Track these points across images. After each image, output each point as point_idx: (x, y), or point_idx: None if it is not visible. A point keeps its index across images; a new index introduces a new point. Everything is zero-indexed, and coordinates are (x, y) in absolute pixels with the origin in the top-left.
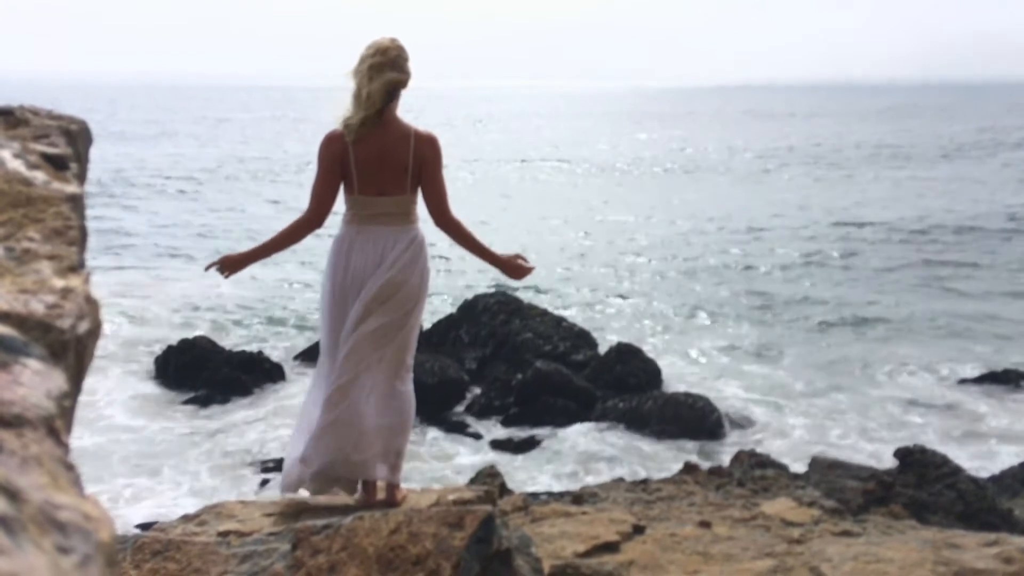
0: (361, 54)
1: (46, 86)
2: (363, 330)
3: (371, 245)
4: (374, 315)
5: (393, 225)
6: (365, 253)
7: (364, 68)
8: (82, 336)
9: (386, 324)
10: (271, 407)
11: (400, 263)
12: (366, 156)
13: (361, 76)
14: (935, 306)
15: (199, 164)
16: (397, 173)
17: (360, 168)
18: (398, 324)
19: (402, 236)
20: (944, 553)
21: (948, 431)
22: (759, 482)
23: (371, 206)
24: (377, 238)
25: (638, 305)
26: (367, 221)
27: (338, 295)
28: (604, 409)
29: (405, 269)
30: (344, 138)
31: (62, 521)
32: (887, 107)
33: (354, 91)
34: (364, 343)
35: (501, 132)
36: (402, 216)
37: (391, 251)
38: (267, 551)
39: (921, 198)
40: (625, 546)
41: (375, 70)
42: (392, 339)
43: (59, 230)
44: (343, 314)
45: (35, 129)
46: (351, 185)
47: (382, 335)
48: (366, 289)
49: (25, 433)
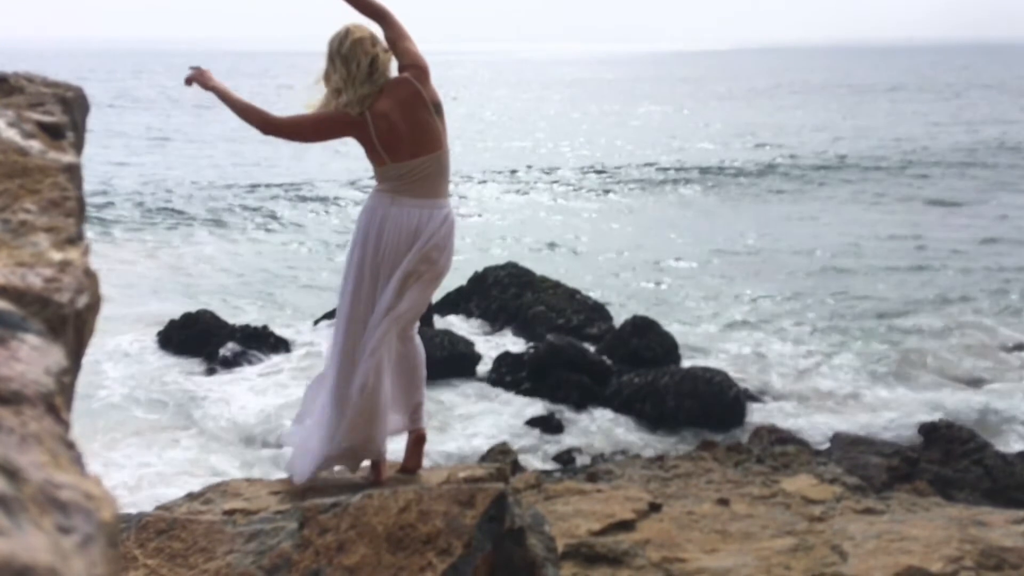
0: (339, 40)
1: (22, 51)
2: (399, 311)
3: (405, 219)
4: (408, 294)
5: (428, 198)
6: (399, 228)
7: (353, 48)
8: (81, 310)
9: (419, 301)
10: (278, 381)
11: (435, 240)
12: (384, 116)
13: (352, 57)
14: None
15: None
16: (423, 118)
17: (381, 131)
18: (425, 300)
19: (437, 212)
20: (970, 531)
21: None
22: (779, 458)
23: (405, 171)
24: (411, 212)
25: (655, 277)
26: (402, 192)
27: (367, 270)
28: (619, 384)
29: (440, 247)
30: (350, 115)
31: (63, 501)
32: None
33: (343, 74)
34: (397, 324)
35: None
36: (437, 185)
37: (426, 227)
38: (274, 530)
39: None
40: (641, 524)
41: (369, 48)
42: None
43: (56, 201)
44: (369, 290)
45: (30, 97)
46: (379, 156)
47: (412, 313)
48: (402, 267)
49: (24, 410)
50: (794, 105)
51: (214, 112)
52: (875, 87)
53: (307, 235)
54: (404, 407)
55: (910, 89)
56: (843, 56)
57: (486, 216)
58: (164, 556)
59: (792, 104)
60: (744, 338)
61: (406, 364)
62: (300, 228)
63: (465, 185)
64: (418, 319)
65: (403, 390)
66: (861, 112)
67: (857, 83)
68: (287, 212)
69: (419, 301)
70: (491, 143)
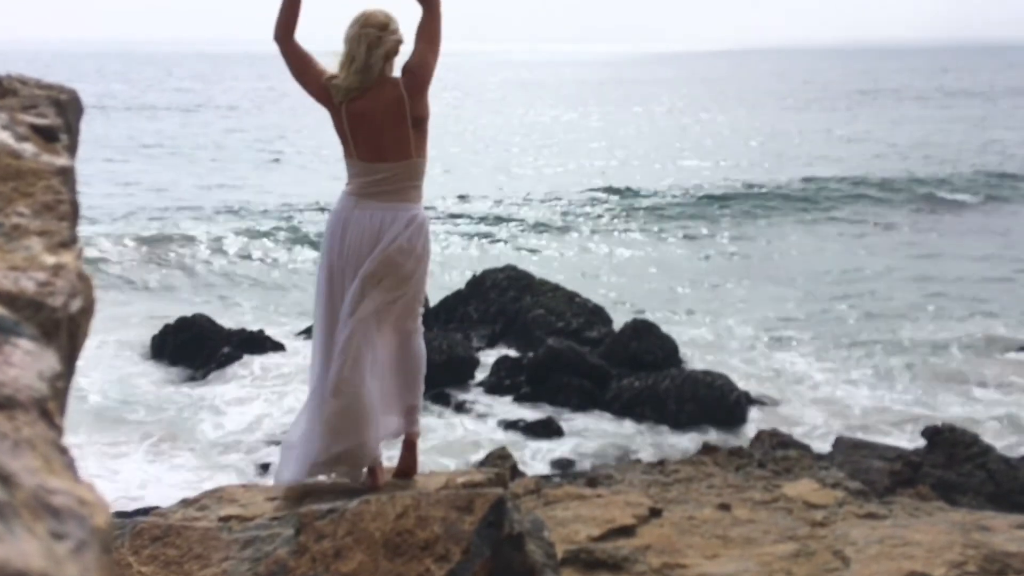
0: (352, 22)
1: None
2: (361, 313)
3: (368, 222)
4: (370, 297)
5: (393, 201)
6: (361, 230)
7: (358, 37)
8: (75, 314)
9: (383, 304)
10: (273, 387)
11: (398, 242)
12: (360, 116)
13: (354, 44)
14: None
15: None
16: (397, 128)
17: (354, 129)
18: (396, 300)
19: (402, 214)
20: (974, 536)
21: (982, 411)
22: (781, 463)
23: (371, 173)
24: (374, 215)
25: (655, 279)
26: (366, 195)
27: (333, 274)
28: (619, 388)
29: (403, 249)
30: (333, 97)
31: (56, 506)
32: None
33: (344, 56)
34: (362, 326)
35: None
36: (404, 190)
37: (389, 229)
38: (270, 536)
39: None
40: (641, 530)
41: (372, 41)
42: (391, 313)
43: (49, 204)
44: (336, 295)
45: (24, 99)
46: (348, 148)
47: (381, 316)
48: (362, 269)
49: (17, 416)
50: (822, 112)
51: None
52: (901, 91)
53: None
54: (399, 410)
55: (937, 93)
56: (849, 57)
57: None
58: (159, 563)
59: (819, 111)
60: (745, 341)
61: (404, 366)
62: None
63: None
64: (415, 315)
65: (398, 392)
66: (907, 119)
67: (879, 87)
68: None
69: (394, 302)
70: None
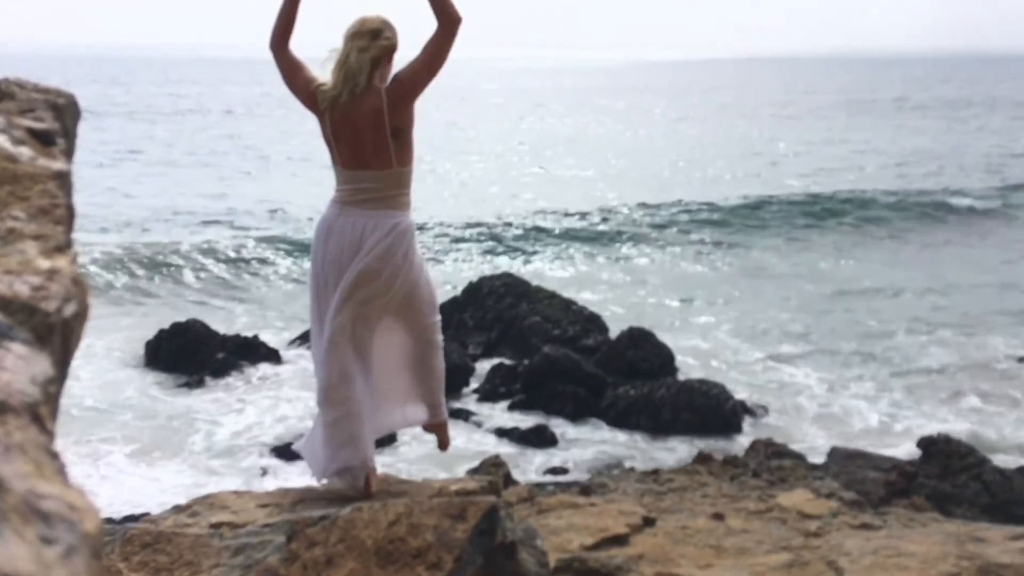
0: (348, 28)
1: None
2: (340, 321)
3: (349, 230)
4: (351, 302)
5: (377, 209)
6: (343, 238)
7: (348, 45)
8: (68, 319)
9: (368, 310)
10: (267, 393)
11: (377, 251)
12: (342, 123)
13: (344, 52)
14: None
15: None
16: (377, 137)
17: (337, 136)
18: (383, 305)
19: (383, 221)
20: (968, 547)
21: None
22: (775, 473)
23: (354, 181)
24: (356, 223)
25: (648, 287)
26: (350, 202)
27: (319, 283)
28: (615, 396)
29: (382, 258)
30: (320, 102)
31: (46, 511)
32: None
33: (337, 61)
34: (342, 334)
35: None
36: (389, 199)
37: (370, 237)
38: (261, 543)
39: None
40: (635, 539)
41: (360, 47)
42: (386, 314)
43: (45, 208)
44: (323, 303)
45: (21, 103)
46: (333, 155)
47: (364, 323)
48: (344, 278)
49: (8, 420)
50: (843, 123)
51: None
52: (902, 101)
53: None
54: (418, 401)
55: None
56: (848, 67)
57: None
58: (149, 570)
59: (839, 121)
60: (742, 351)
61: (418, 366)
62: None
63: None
64: (423, 311)
65: (414, 386)
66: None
67: (879, 97)
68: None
69: (381, 309)
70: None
